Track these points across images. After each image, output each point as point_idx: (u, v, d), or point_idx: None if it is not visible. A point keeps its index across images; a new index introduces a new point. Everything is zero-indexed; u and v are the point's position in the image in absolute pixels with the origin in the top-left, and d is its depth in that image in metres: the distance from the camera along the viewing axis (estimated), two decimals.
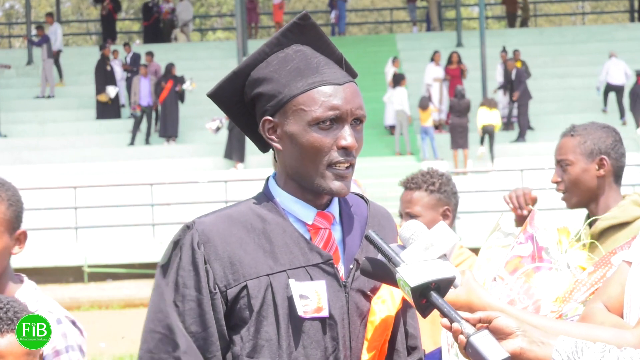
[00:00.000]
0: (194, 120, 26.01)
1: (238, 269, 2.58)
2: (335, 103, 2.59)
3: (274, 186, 2.68)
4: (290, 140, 2.61)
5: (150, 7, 31.77)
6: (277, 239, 2.61)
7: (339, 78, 2.63)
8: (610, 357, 2.51)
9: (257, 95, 2.66)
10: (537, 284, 3.33)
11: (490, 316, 2.53)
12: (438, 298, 2.51)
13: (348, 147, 2.59)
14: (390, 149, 25.21)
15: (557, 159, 4.13)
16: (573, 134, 4.13)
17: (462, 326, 2.49)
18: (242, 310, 2.57)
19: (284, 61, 2.65)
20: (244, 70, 2.69)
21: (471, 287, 2.81)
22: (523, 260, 3.40)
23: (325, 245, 2.64)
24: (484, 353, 2.43)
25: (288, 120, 2.60)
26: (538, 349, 2.53)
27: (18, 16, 48.76)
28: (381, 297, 2.67)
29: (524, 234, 3.47)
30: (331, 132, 2.59)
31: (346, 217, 2.70)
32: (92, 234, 20.72)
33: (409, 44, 30.48)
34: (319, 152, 2.58)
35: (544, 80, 27.38)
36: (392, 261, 2.54)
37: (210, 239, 2.59)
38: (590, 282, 3.28)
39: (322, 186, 2.60)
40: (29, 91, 28.26)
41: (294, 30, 2.69)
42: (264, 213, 2.64)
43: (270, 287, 2.57)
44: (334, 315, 2.59)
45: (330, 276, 2.61)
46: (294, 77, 2.62)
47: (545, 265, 3.39)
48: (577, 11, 45.64)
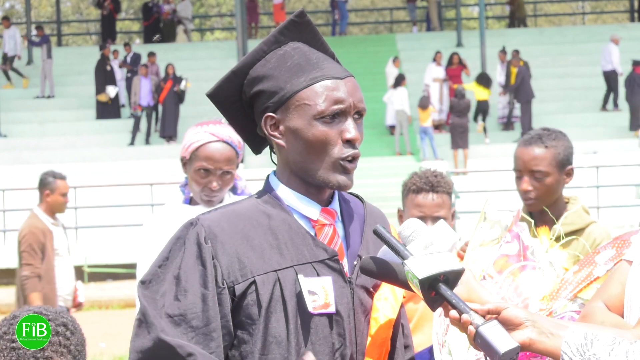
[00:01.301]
0: (194, 120, 25.95)
1: (246, 265, 2.57)
2: (339, 96, 2.61)
3: (276, 183, 2.68)
4: (294, 136, 2.61)
5: (150, 7, 31.76)
6: (282, 235, 2.60)
7: (339, 72, 2.65)
8: (620, 350, 2.50)
9: (257, 93, 2.66)
10: (523, 283, 3.36)
11: (499, 307, 2.53)
12: (447, 290, 2.51)
13: (353, 139, 2.60)
14: (390, 149, 25.20)
15: (529, 168, 4.16)
16: (547, 145, 4.20)
17: (471, 317, 2.49)
18: (249, 306, 2.55)
19: (283, 58, 2.65)
20: (243, 69, 2.70)
21: (471, 285, 2.81)
22: (510, 260, 3.42)
23: (330, 241, 2.64)
24: (494, 343, 2.43)
25: (291, 116, 2.61)
26: (547, 340, 2.52)
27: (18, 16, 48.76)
28: (383, 294, 2.68)
29: (510, 233, 3.50)
30: (335, 126, 2.61)
31: (346, 214, 2.71)
32: (92, 234, 20.71)
33: (409, 44, 30.46)
34: (325, 145, 2.59)
35: (544, 80, 27.36)
36: (401, 254, 2.54)
37: (216, 234, 2.58)
38: (576, 280, 3.30)
39: (329, 179, 2.61)
40: (29, 91, 28.25)
41: (291, 28, 2.70)
42: (268, 209, 2.63)
43: (279, 282, 2.56)
44: (340, 311, 2.60)
45: (336, 272, 2.62)
46: (295, 73, 2.62)
47: (529, 265, 3.41)
48: (577, 11, 45.63)
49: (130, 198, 21.31)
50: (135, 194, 21.54)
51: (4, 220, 21.14)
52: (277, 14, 32.52)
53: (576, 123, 25.65)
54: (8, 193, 21.33)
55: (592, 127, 25.73)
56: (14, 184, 22.24)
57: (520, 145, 4.23)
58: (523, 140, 4.23)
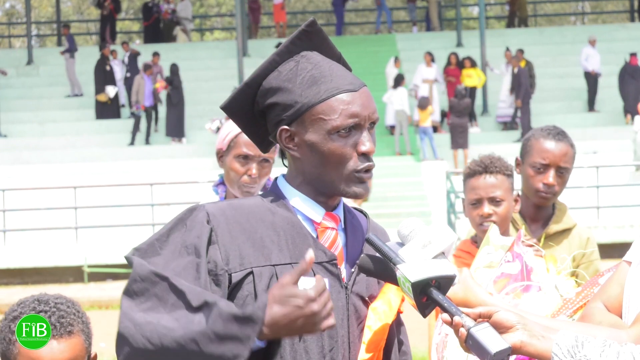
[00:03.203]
0: (194, 120, 26.00)
1: (244, 255, 2.58)
2: (354, 110, 2.62)
3: (285, 185, 2.70)
4: (310, 149, 2.63)
5: (150, 7, 31.77)
6: (284, 233, 2.62)
7: (354, 84, 2.66)
8: (610, 351, 2.52)
9: (271, 105, 2.67)
10: (525, 302, 3.36)
11: (491, 311, 2.55)
12: (438, 294, 2.52)
13: (368, 152, 2.63)
14: (390, 149, 25.21)
15: (558, 164, 4.20)
16: (571, 143, 4.31)
17: (462, 319, 2.50)
18: (244, 296, 2.56)
19: (296, 70, 2.66)
20: (256, 80, 2.70)
21: (468, 284, 2.82)
22: (511, 281, 3.42)
23: (331, 245, 2.66)
24: (485, 344, 2.45)
25: (307, 130, 2.62)
26: (538, 343, 2.54)
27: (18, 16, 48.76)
28: (378, 305, 2.68)
29: (511, 252, 3.50)
30: (350, 139, 2.62)
31: (349, 224, 2.72)
32: (92, 234, 20.71)
33: (409, 44, 30.46)
34: (340, 159, 2.61)
35: (544, 80, 27.37)
36: (393, 261, 2.55)
37: (219, 221, 2.59)
38: (578, 300, 3.32)
39: (345, 190, 2.63)
40: (29, 91, 28.25)
41: (302, 38, 2.71)
42: (273, 207, 2.65)
43: (276, 277, 2.57)
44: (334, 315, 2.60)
45: (333, 276, 2.62)
46: (309, 86, 2.63)
47: (534, 285, 3.42)
48: (577, 11, 45.63)
49: (130, 198, 21.32)
50: (135, 194, 21.54)
51: (4, 220, 21.15)
52: (277, 13, 32.53)
53: (576, 123, 25.66)
54: (8, 193, 21.34)
55: (592, 127, 25.75)
56: (14, 184, 22.25)
57: (546, 138, 4.26)
58: (549, 134, 4.26)
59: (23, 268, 19.90)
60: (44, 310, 2.73)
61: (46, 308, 2.74)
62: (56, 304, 2.76)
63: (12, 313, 2.75)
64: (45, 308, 2.74)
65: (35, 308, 2.73)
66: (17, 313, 2.74)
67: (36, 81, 28.65)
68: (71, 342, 2.74)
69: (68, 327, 2.74)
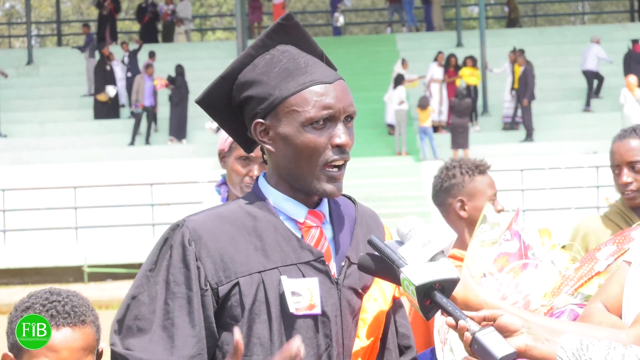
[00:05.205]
0: (194, 120, 25.99)
1: (229, 266, 2.57)
2: (328, 102, 2.59)
3: (265, 185, 2.68)
4: (283, 142, 2.60)
5: (144, 7, 31.76)
6: (268, 237, 2.60)
7: (328, 76, 2.63)
8: (616, 354, 2.52)
9: (246, 99, 2.65)
10: (524, 280, 3.37)
11: (495, 314, 2.54)
12: (442, 297, 2.51)
13: (343, 145, 2.60)
14: (390, 149, 25.21)
15: (627, 160, 4.15)
16: (635, 136, 4.18)
17: (467, 324, 2.50)
18: (233, 307, 2.56)
19: (271, 63, 2.64)
20: (231, 74, 2.68)
21: (468, 284, 2.81)
22: (510, 258, 3.43)
23: (317, 243, 2.64)
24: (491, 348, 2.45)
25: (280, 122, 2.60)
26: (543, 346, 2.54)
27: (18, 16, 48.77)
28: (372, 295, 2.67)
29: (509, 231, 3.51)
30: (325, 131, 2.59)
31: (336, 216, 2.70)
32: (92, 234, 20.72)
33: (409, 44, 30.46)
34: (314, 152, 2.58)
35: (544, 80, 27.37)
36: (396, 264, 2.54)
37: (201, 236, 2.58)
38: (577, 276, 3.31)
39: (316, 188, 2.61)
40: (29, 91, 28.26)
41: (278, 31, 2.68)
42: (254, 211, 2.63)
43: (263, 284, 2.56)
44: (326, 312, 2.59)
45: (322, 273, 2.61)
46: (284, 79, 2.61)
47: (531, 263, 3.42)
48: (577, 11, 45.62)
49: (130, 198, 21.32)
50: (135, 194, 21.55)
51: (4, 220, 21.15)
52: (277, 13, 32.50)
53: (576, 123, 25.65)
54: (8, 193, 21.34)
55: (592, 127, 25.74)
56: (14, 184, 22.25)
57: (615, 141, 4.22)
58: (617, 136, 4.23)
59: (23, 268, 19.91)
60: (57, 300, 2.75)
61: (59, 298, 2.76)
62: (68, 295, 2.79)
63: (24, 304, 2.76)
64: (59, 298, 2.76)
65: (48, 298, 2.75)
66: (30, 303, 2.75)
67: (36, 81, 28.65)
68: (84, 331, 2.76)
69: (81, 317, 2.76)
